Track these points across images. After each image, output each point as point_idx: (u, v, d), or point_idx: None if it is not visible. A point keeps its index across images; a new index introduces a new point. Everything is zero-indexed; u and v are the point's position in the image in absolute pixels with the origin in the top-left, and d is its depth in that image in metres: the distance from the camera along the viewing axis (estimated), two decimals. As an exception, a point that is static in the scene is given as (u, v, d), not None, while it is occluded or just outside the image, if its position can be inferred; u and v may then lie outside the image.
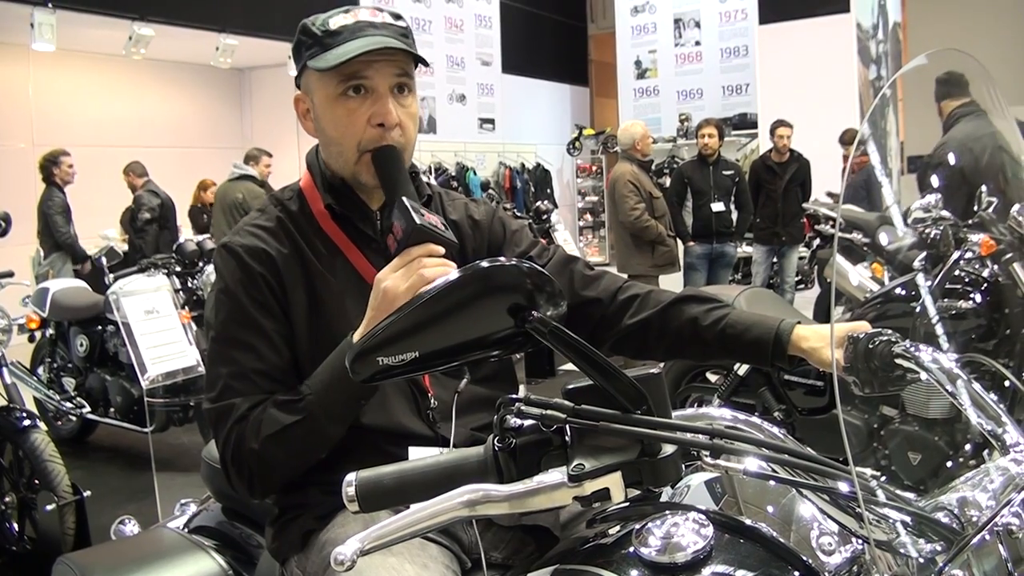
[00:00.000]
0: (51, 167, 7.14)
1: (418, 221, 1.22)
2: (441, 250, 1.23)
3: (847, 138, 8.48)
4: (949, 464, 2.61)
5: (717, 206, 6.81)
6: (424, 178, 1.53)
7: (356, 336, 1.25)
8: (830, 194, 8.31)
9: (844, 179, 3.33)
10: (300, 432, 1.28)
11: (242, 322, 1.35)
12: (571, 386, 0.92)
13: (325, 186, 1.44)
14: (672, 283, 6.94)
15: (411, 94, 1.40)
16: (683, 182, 7.00)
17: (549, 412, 0.89)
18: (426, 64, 1.39)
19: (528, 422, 0.92)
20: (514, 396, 0.92)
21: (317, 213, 1.43)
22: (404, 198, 1.26)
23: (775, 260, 7.68)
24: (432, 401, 1.39)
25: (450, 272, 1.17)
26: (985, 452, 1.06)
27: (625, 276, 1.58)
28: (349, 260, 1.41)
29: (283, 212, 1.44)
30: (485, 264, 0.91)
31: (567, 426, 0.91)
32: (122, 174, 7.95)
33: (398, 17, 1.40)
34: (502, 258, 0.92)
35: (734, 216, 6.99)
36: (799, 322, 1.37)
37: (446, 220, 1.51)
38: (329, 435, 1.30)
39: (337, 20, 1.36)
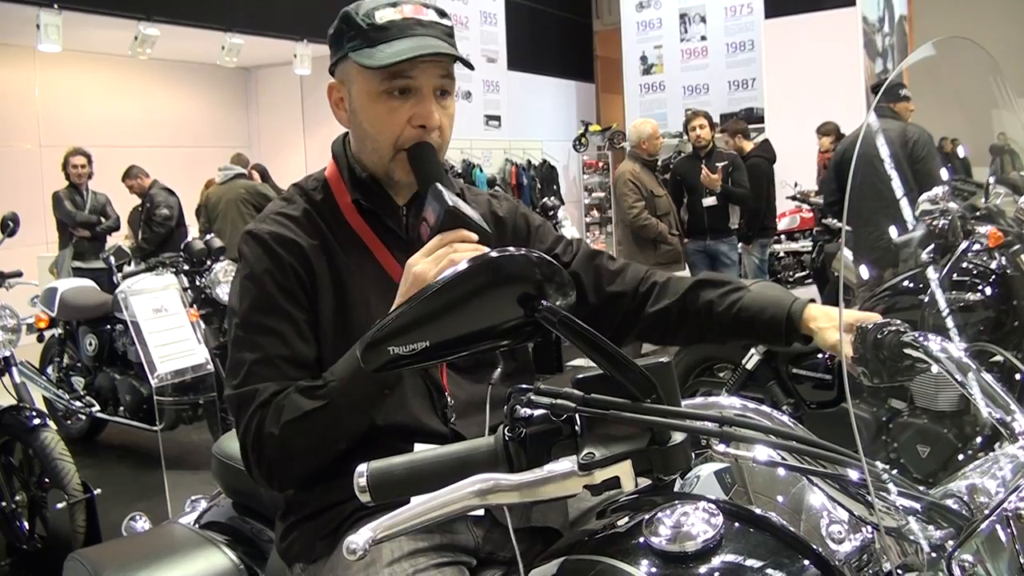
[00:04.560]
0: (64, 165, 7.37)
1: (451, 203, 1.21)
2: (474, 236, 1.20)
3: (825, 130, 8.44)
4: (959, 457, 2.60)
5: (708, 201, 6.49)
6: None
7: None
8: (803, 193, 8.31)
9: (819, 170, 3.33)
10: (321, 419, 1.24)
11: (268, 308, 1.32)
12: (581, 375, 0.92)
13: (352, 180, 1.42)
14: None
15: (450, 96, 1.38)
16: (676, 180, 6.74)
17: (559, 401, 0.89)
18: (471, 67, 1.37)
19: (538, 412, 0.92)
20: (525, 386, 0.92)
21: (343, 206, 1.41)
22: (438, 184, 1.25)
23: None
24: (448, 399, 1.38)
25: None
26: (996, 445, 1.06)
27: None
28: (375, 256, 1.40)
29: (309, 203, 1.42)
30: (494, 254, 0.91)
31: (577, 415, 0.91)
32: (122, 181, 7.87)
33: (443, 15, 1.37)
34: (511, 248, 0.92)
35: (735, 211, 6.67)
36: (812, 301, 1.42)
37: None
38: (350, 424, 1.27)
39: (384, 14, 1.32)
